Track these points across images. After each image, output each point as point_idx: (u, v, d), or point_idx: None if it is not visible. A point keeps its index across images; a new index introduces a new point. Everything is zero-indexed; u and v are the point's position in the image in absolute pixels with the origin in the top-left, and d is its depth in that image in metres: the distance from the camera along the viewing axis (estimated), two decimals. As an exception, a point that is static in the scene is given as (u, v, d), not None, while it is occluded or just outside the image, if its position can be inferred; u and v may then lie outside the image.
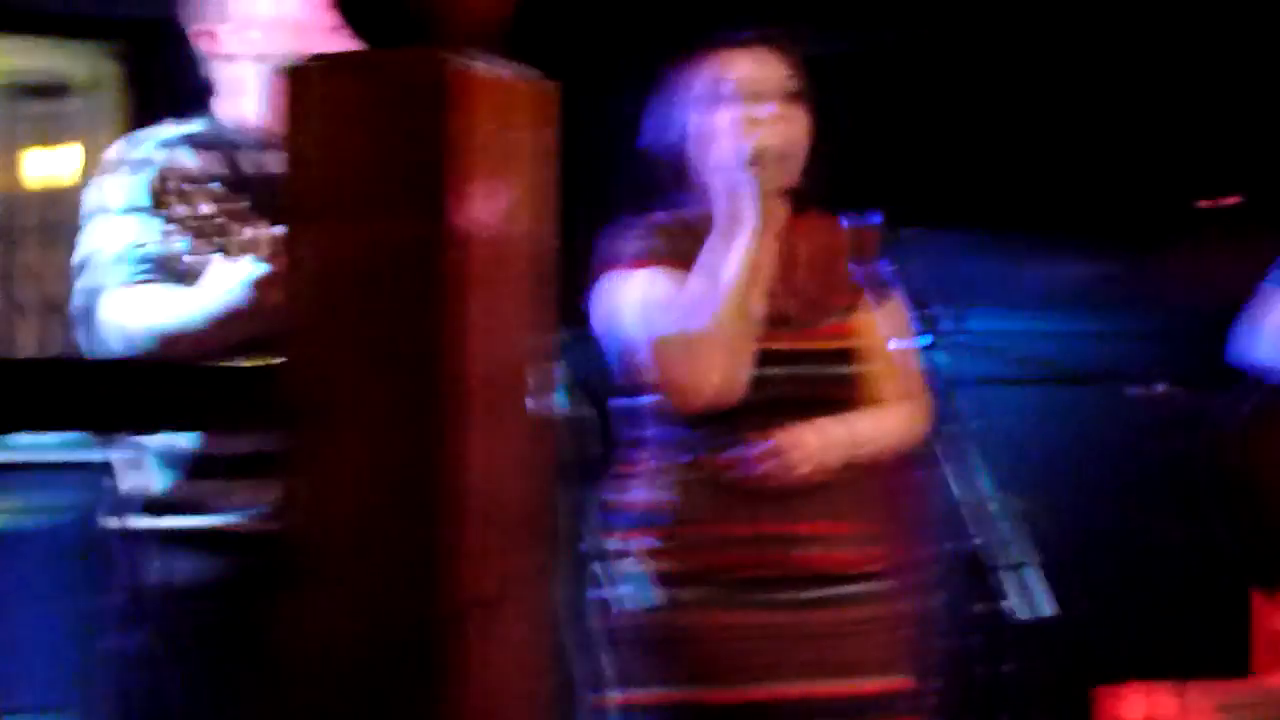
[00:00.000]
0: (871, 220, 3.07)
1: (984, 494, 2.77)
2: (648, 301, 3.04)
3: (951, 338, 4.56)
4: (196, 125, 2.97)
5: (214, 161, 2.90)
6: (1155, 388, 4.30)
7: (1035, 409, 5.19)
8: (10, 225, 5.35)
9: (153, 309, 2.77)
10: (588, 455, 2.72)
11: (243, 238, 2.50)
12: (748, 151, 3.01)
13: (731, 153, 3.03)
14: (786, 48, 3.12)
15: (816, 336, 3.08)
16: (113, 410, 1.70)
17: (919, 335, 3.09)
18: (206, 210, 2.43)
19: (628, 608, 2.88)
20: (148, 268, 2.79)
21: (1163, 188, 5.58)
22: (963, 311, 4.71)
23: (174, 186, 2.78)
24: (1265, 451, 3.60)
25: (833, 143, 3.13)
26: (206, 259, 2.64)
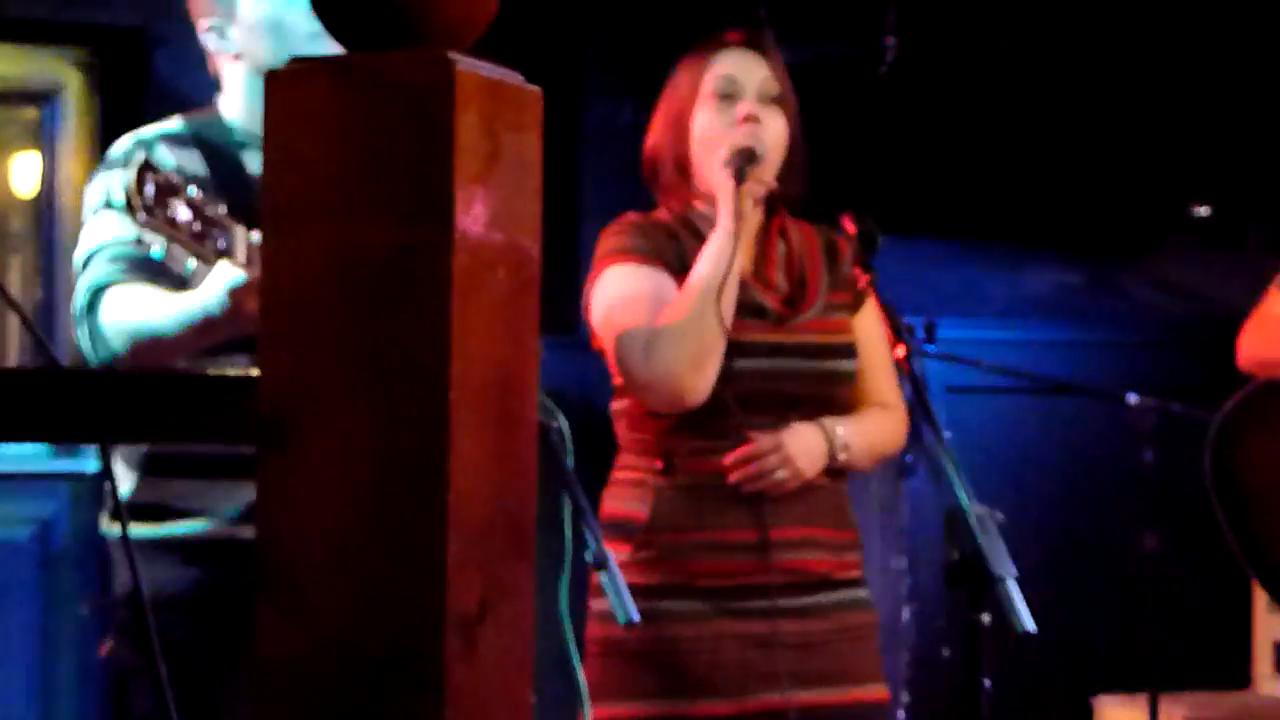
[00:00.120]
0: (854, 222, 3.05)
1: (962, 505, 2.75)
2: (619, 298, 3.01)
3: (923, 346, 4.56)
4: (179, 125, 2.94)
5: (194, 162, 2.87)
6: (1128, 397, 4.30)
7: (1009, 418, 5.19)
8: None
9: (127, 310, 2.74)
10: (562, 466, 2.69)
11: (219, 244, 2.48)
12: (725, 152, 2.99)
13: (709, 152, 3.01)
14: (770, 50, 3.10)
15: (794, 331, 3.06)
16: (85, 419, 1.67)
17: (893, 343, 3.07)
18: (184, 213, 2.40)
19: (606, 620, 2.85)
20: (122, 266, 2.77)
21: (1134, 198, 5.59)
22: (933, 321, 4.72)
23: (151, 188, 2.74)
24: (1251, 453, 3.59)
25: (811, 146, 3.11)
26: (182, 261, 2.61)
